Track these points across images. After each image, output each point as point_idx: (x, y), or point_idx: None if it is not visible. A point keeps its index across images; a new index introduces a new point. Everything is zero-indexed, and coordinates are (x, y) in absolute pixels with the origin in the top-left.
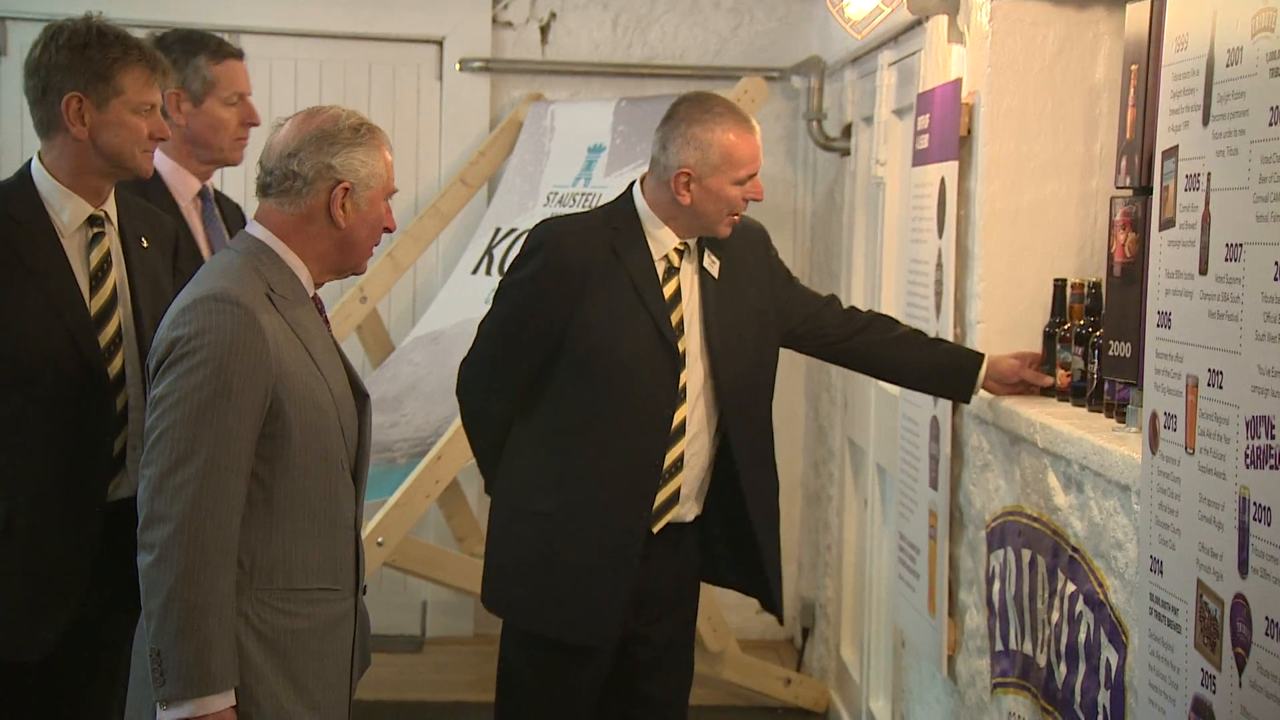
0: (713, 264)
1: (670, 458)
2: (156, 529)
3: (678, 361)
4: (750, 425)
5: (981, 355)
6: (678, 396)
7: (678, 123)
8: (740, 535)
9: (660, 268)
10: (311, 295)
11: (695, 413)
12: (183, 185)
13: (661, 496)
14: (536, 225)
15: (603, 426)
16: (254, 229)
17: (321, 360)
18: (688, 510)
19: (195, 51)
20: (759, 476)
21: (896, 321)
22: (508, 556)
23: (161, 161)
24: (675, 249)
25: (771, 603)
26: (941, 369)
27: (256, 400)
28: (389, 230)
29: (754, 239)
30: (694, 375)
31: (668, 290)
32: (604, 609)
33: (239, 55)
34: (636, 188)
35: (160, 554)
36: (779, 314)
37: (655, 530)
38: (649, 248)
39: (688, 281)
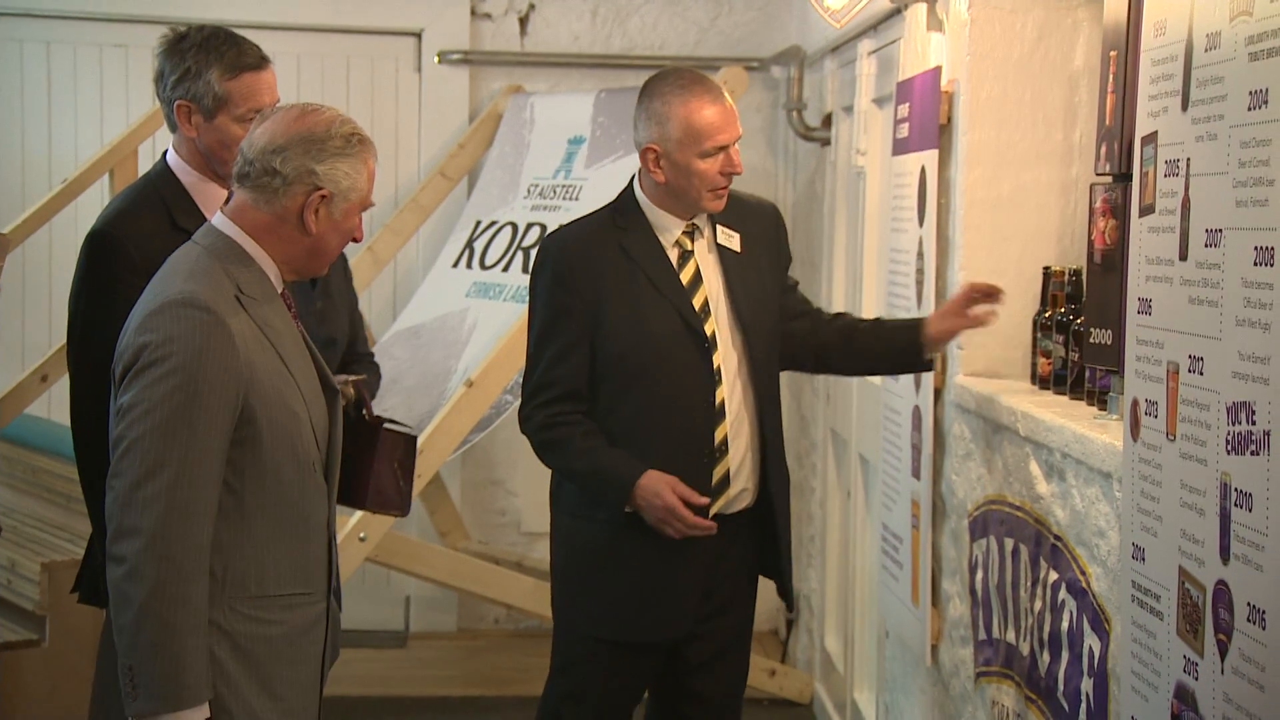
0: (730, 238)
1: (717, 438)
2: (127, 542)
3: (707, 344)
4: (773, 404)
5: (917, 329)
6: (714, 378)
7: (642, 99)
8: (763, 517)
9: (674, 254)
10: (280, 292)
11: (734, 392)
12: (207, 199)
13: (714, 479)
14: (544, 237)
15: (649, 425)
16: (223, 224)
17: (292, 361)
18: (741, 496)
19: (209, 64)
20: (778, 456)
21: (853, 321)
22: (574, 565)
23: (185, 173)
24: (684, 232)
25: (785, 589)
26: (895, 351)
27: (227, 408)
28: (356, 241)
29: (766, 215)
30: (728, 354)
31: (685, 275)
32: (676, 603)
33: (259, 66)
34: (636, 179)
35: (131, 568)
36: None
37: (710, 516)
38: (657, 237)
39: (706, 262)
